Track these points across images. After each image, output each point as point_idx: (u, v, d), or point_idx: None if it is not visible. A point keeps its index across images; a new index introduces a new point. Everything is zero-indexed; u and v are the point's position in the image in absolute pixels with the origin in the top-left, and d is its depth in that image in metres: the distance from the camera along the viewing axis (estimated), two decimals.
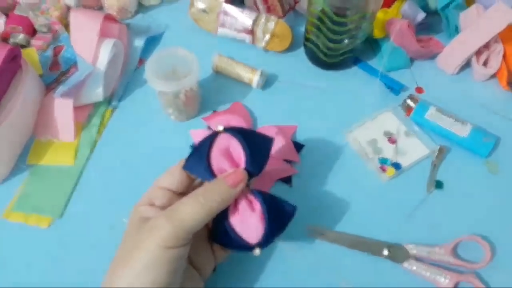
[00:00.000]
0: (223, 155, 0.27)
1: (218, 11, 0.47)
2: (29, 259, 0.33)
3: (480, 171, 0.38)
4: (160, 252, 0.23)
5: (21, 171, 0.38)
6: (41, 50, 0.45)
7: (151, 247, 0.23)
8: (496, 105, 0.43)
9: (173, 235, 0.23)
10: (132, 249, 0.24)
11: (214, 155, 0.27)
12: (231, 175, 0.26)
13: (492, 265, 0.32)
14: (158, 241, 0.23)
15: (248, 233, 0.26)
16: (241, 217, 0.26)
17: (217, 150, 0.27)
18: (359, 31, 0.41)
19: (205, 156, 0.27)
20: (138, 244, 0.24)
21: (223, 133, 0.27)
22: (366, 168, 0.38)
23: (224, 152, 0.27)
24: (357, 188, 0.37)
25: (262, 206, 0.26)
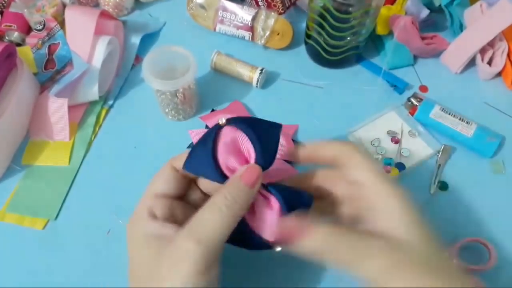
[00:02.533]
0: (230, 150, 0.24)
1: (217, 7, 0.46)
2: (24, 261, 0.33)
3: (484, 171, 0.38)
4: (197, 279, 0.20)
5: (15, 172, 0.37)
6: (36, 48, 0.44)
7: (185, 278, 0.20)
8: (501, 104, 0.42)
9: (205, 256, 0.20)
10: (159, 280, 0.21)
11: (221, 152, 0.24)
12: (246, 174, 0.23)
13: (497, 268, 0.32)
14: (191, 268, 0.20)
15: (267, 231, 0.24)
16: (259, 215, 0.24)
17: (223, 146, 0.24)
18: (362, 28, 0.40)
19: (210, 153, 0.23)
20: (167, 275, 0.20)
21: (227, 126, 0.24)
22: None
23: (230, 147, 0.24)
24: None
25: (280, 202, 0.24)
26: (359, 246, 0.21)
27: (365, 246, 0.21)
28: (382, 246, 0.21)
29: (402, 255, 0.21)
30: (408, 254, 0.21)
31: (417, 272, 0.20)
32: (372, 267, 0.21)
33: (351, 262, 0.21)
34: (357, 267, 0.21)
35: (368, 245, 0.21)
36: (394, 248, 0.21)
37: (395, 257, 0.21)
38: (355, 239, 0.21)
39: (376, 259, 0.20)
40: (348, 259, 0.21)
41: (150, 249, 0.22)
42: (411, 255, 0.21)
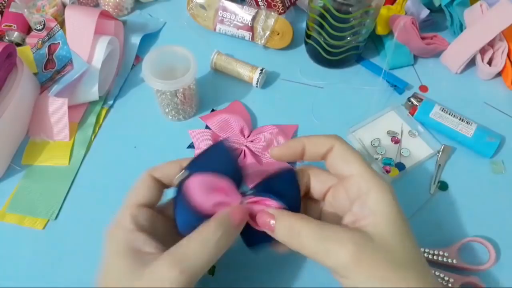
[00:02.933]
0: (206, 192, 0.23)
1: (217, 7, 0.46)
2: (24, 261, 0.32)
3: (484, 171, 0.38)
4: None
5: (15, 172, 0.37)
6: (36, 48, 0.44)
7: None
8: (501, 104, 0.42)
9: (184, 285, 0.20)
10: None
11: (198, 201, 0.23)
12: (236, 213, 0.23)
13: (497, 267, 0.32)
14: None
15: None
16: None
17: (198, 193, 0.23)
18: (362, 28, 0.40)
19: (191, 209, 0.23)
20: None
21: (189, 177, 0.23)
22: None
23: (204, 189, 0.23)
24: None
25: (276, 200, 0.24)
26: (325, 235, 0.21)
27: (331, 236, 0.21)
28: (350, 237, 0.20)
29: (370, 248, 0.20)
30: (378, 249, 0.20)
31: (383, 267, 0.20)
32: (335, 257, 0.20)
33: (316, 251, 0.21)
34: (323, 256, 0.21)
35: (335, 235, 0.21)
36: (363, 240, 0.20)
37: (361, 249, 0.20)
38: (321, 228, 0.21)
39: (342, 249, 0.20)
40: (313, 248, 0.21)
41: (128, 263, 0.21)
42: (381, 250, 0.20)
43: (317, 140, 0.24)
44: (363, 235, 0.21)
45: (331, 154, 0.24)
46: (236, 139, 0.38)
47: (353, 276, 0.20)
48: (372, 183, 0.22)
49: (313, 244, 0.21)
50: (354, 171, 0.23)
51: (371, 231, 0.21)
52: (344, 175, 0.23)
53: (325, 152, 0.24)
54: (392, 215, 0.21)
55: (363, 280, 0.20)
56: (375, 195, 0.22)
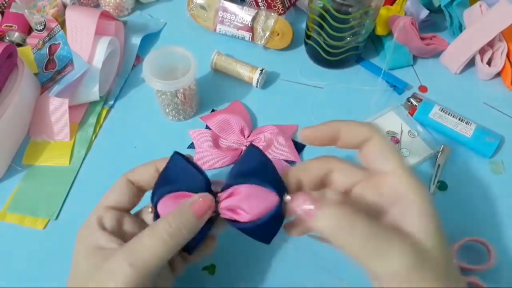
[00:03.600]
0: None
1: (217, 8, 0.46)
2: (25, 261, 0.33)
3: (484, 171, 0.38)
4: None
5: (16, 172, 0.37)
6: (37, 48, 0.44)
7: None
8: (500, 104, 0.42)
9: (137, 280, 0.20)
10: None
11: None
12: (197, 203, 0.22)
13: (497, 267, 0.32)
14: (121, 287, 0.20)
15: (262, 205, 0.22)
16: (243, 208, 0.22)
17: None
18: (362, 28, 0.40)
19: None
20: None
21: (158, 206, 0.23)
22: None
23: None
24: None
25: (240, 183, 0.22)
26: (378, 238, 0.18)
27: (385, 241, 0.18)
28: (404, 248, 0.18)
29: (421, 262, 0.18)
30: (428, 262, 0.18)
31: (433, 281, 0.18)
32: (389, 263, 0.18)
33: (364, 254, 0.18)
34: (372, 258, 0.18)
35: (389, 241, 0.18)
36: (416, 252, 0.18)
37: (420, 260, 0.18)
38: (378, 226, 0.19)
39: (400, 256, 0.18)
40: (361, 249, 0.18)
41: (91, 259, 0.22)
42: (430, 264, 0.19)
43: (355, 127, 0.22)
44: (415, 246, 0.19)
45: (369, 145, 0.21)
46: (236, 139, 0.38)
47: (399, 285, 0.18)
48: (411, 187, 0.20)
49: (366, 242, 0.18)
50: (391, 169, 0.20)
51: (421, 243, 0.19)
52: (379, 171, 0.21)
53: (361, 142, 0.22)
54: (436, 226, 0.20)
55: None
56: (418, 201, 0.20)
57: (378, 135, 0.21)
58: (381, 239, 0.18)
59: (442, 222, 0.20)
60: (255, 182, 0.22)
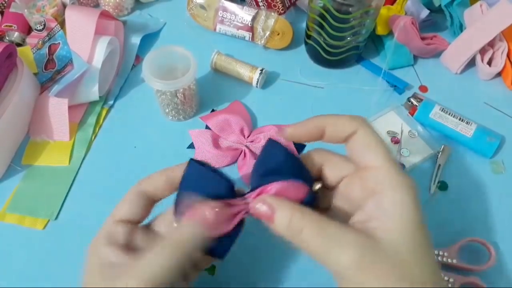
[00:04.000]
0: None
1: (217, 7, 0.46)
2: (25, 261, 0.32)
3: (484, 171, 0.38)
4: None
5: (16, 172, 0.37)
6: (36, 48, 0.44)
7: None
8: (501, 104, 0.42)
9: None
10: None
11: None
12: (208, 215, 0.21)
13: (497, 268, 0.32)
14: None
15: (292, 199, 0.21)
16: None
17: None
18: (362, 28, 0.40)
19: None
20: None
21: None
22: None
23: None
24: None
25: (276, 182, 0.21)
26: (328, 234, 0.19)
27: (333, 236, 0.19)
28: (353, 239, 0.18)
29: (374, 256, 0.18)
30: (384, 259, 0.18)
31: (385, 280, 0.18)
32: (336, 260, 0.18)
33: (316, 250, 0.19)
34: (323, 256, 0.19)
35: (339, 235, 0.19)
36: (368, 245, 0.18)
37: (364, 255, 0.18)
38: (323, 226, 0.19)
39: (344, 252, 0.18)
40: (313, 246, 0.19)
41: (103, 276, 0.21)
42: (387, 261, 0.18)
43: (339, 120, 0.21)
44: (368, 240, 0.18)
45: (354, 138, 0.21)
46: (236, 139, 0.38)
47: (353, 280, 0.18)
48: (393, 179, 0.19)
49: (314, 242, 0.19)
50: (375, 161, 0.20)
51: (381, 236, 0.18)
52: (363, 164, 0.20)
53: (347, 136, 0.21)
54: (409, 222, 0.18)
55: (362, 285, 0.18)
56: (393, 194, 0.19)
57: (364, 128, 0.21)
58: (329, 238, 0.19)
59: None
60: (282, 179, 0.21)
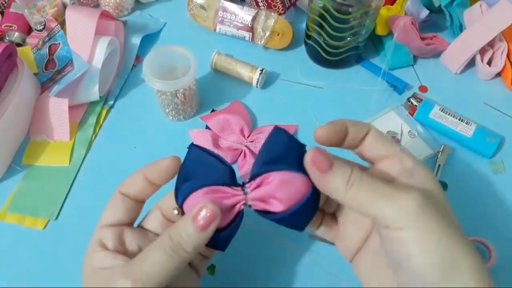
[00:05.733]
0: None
1: (217, 8, 0.46)
2: (25, 261, 0.33)
3: (484, 171, 0.38)
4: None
5: (16, 172, 0.37)
6: (37, 48, 0.44)
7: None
8: (500, 104, 0.42)
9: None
10: None
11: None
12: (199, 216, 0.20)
13: (497, 267, 0.32)
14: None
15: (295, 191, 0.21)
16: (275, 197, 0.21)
17: None
18: (362, 28, 0.40)
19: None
20: None
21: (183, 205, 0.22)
22: None
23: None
24: None
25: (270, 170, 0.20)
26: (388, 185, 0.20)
27: (396, 186, 0.20)
28: (413, 189, 0.19)
29: (432, 201, 0.19)
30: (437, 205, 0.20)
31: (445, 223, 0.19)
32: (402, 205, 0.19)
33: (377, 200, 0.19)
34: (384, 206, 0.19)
35: (400, 185, 0.20)
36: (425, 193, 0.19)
37: (426, 198, 0.19)
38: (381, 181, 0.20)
39: (410, 196, 0.19)
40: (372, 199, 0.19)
41: (97, 281, 0.21)
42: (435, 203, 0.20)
43: (356, 122, 0.23)
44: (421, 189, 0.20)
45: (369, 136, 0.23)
46: (236, 139, 0.38)
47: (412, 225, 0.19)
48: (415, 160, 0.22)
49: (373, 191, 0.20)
50: (395, 150, 0.22)
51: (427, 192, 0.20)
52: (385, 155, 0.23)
53: (365, 134, 0.23)
54: (439, 186, 0.21)
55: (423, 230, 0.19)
56: (421, 168, 0.21)
57: (374, 127, 0.23)
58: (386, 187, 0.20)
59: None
60: (284, 168, 0.20)
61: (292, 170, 0.20)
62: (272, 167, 0.21)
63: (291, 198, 0.21)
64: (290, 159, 0.21)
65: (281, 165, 0.21)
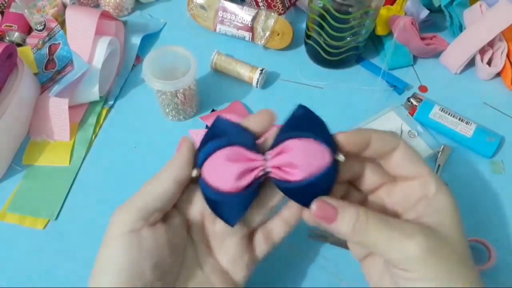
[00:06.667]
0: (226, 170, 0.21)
1: (217, 8, 0.46)
2: (25, 261, 0.33)
3: (484, 171, 0.38)
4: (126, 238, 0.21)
5: (16, 172, 0.37)
6: (37, 48, 0.44)
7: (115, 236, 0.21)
8: (500, 104, 0.42)
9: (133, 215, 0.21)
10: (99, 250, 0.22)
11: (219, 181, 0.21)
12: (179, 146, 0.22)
13: (497, 268, 0.32)
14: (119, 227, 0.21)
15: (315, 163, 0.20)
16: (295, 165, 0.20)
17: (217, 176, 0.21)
18: (362, 28, 0.40)
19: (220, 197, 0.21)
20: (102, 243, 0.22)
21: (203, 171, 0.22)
22: None
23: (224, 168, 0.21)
24: None
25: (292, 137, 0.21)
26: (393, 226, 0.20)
27: (402, 227, 0.20)
28: (419, 229, 0.20)
29: (439, 242, 0.20)
30: (445, 244, 0.20)
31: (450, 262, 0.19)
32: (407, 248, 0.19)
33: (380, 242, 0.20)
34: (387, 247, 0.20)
35: (406, 226, 0.20)
36: (432, 233, 0.20)
37: (431, 242, 0.19)
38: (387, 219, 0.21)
39: (414, 240, 0.19)
40: (377, 238, 0.20)
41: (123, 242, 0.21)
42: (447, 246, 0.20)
43: (383, 135, 0.22)
44: (430, 229, 0.20)
45: (397, 153, 0.22)
46: None
47: (419, 268, 0.19)
48: (441, 185, 0.22)
49: (379, 234, 0.20)
50: (423, 172, 0.22)
51: (436, 227, 0.20)
52: (410, 175, 0.22)
53: (390, 150, 0.22)
54: (456, 216, 0.21)
55: (429, 273, 0.19)
56: (442, 197, 0.21)
57: (404, 143, 0.22)
58: (394, 229, 0.20)
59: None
60: (307, 135, 0.21)
61: (315, 138, 0.21)
62: (294, 133, 0.21)
63: (310, 167, 0.20)
64: (313, 130, 0.21)
65: (303, 133, 0.21)
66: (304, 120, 0.22)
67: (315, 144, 0.21)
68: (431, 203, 0.21)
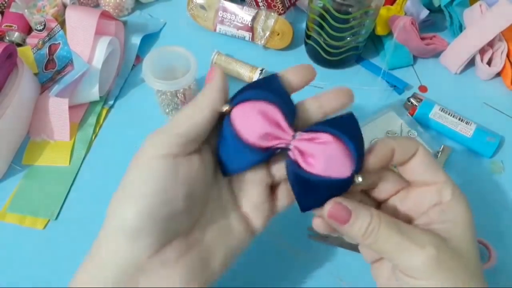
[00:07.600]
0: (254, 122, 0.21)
1: (217, 8, 0.46)
2: (25, 261, 0.33)
3: (484, 171, 0.38)
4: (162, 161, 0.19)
5: (16, 172, 0.37)
6: (37, 48, 0.44)
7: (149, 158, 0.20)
8: (500, 104, 0.42)
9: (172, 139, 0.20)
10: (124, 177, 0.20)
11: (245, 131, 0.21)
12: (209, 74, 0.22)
13: (497, 268, 0.32)
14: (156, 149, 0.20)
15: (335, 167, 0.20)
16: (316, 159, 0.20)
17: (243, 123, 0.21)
18: (362, 28, 0.40)
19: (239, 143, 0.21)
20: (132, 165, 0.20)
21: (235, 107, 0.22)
22: None
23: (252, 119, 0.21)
24: None
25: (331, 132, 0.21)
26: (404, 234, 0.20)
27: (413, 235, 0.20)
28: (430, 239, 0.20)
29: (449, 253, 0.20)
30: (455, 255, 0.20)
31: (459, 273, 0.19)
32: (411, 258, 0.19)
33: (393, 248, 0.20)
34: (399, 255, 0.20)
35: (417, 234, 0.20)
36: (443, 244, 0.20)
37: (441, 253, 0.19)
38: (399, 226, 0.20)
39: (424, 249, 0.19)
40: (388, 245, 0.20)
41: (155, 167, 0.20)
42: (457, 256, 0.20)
43: (405, 142, 0.22)
44: (441, 239, 0.20)
45: (416, 158, 0.22)
46: None
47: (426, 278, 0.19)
48: (455, 193, 0.22)
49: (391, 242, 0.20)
50: (440, 178, 0.22)
51: (447, 237, 0.20)
52: (427, 181, 0.22)
53: (410, 157, 0.22)
54: (469, 226, 0.21)
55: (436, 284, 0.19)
56: (459, 205, 0.22)
57: (423, 148, 0.22)
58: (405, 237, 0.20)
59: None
60: (344, 137, 0.21)
61: (348, 144, 0.21)
62: (335, 130, 0.21)
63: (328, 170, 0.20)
64: (351, 138, 0.21)
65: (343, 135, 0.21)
66: (348, 126, 0.22)
67: (345, 153, 0.21)
68: (444, 210, 0.21)
